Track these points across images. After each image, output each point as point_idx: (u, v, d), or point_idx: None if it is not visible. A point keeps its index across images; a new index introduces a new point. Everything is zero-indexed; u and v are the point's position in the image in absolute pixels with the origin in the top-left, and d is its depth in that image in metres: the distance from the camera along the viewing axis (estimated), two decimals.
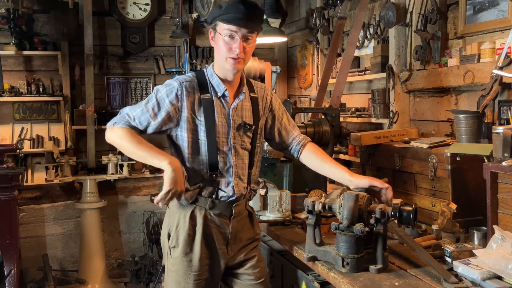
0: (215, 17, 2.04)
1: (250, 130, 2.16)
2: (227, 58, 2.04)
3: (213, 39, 2.10)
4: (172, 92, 2.04)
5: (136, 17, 4.90)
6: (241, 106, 2.15)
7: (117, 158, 4.65)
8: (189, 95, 2.06)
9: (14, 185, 3.82)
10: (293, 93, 5.25)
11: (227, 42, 2.02)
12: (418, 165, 2.58)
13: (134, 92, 5.04)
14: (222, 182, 2.11)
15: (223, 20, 2.01)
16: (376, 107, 3.48)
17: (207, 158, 2.08)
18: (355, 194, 1.94)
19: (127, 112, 2.08)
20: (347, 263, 1.90)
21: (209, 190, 2.09)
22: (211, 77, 2.12)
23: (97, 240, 4.61)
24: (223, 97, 2.11)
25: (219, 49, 2.06)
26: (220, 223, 2.12)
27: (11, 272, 3.72)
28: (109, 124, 2.08)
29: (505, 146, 1.94)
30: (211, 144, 2.07)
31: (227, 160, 2.11)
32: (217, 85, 2.11)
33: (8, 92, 4.46)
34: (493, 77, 2.44)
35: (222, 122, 2.10)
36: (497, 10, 2.62)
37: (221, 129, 2.09)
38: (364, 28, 3.78)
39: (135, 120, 2.05)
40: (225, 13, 2.00)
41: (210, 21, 2.07)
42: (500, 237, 1.76)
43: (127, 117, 2.06)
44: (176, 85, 2.05)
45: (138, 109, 2.06)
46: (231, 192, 2.11)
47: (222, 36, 2.02)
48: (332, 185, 3.74)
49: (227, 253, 2.14)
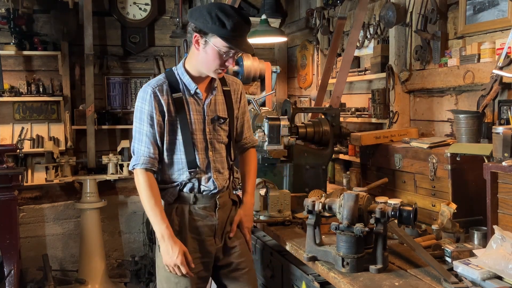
0: (215, 33, 1.99)
1: (225, 123, 2.22)
2: (216, 70, 2.08)
3: (200, 45, 2.05)
4: (151, 102, 2.08)
5: (136, 17, 4.91)
6: (215, 101, 2.20)
7: (117, 158, 4.65)
8: (163, 97, 2.09)
9: (14, 185, 3.82)
10: (293, 93, 5.25)
11: (221, 56, 2.03)
12: (418, 165, 2.58)
13: (134, 92, 5.04)
14: (202, 178, 2.15)
15: (226, 39, 1.98)
16: (376, 107, 3.48)
17: (185, 156, 2.12)
18: (355, 194, 1.94)
19: (138, 148, 2.12)
20: (347, 263, 1.90)
21: (189, 186, 2.15)
22: (182, 76, 2.15)
23: (97, 240, 4.61)
24: (195, 94, 2.15)
25: (208, 60, 2.06)
26: (206, 216, 2.16)
27: (11, 272, 3.72)
28: (131, 167, 2.15)
29: (505, 146, 1.94)
30: (188, 142, 2.12)
31: (205, 156, 2.16)
32: (188, 84, 2.14)
33: (8, 92, 4.46)
34: (493, 77, 2.44)
35: (197, 119, 2.15)
36: (497, 10, 2.62)
37: (197, 126, 2.14)
38: (364, 28, 3.78)
39: (149, 152, 2.10)
40: (230, 33, 1.97)
41: (205, 32, 2.01)
42: (500, 237, 1.76)
43: (141, 155, 2.10)
44: (150, 91, 2.09)
45: (143, 138, 2.11)
46: (212, 186, 2.16)
47: (217, 49, 2.02)
48: (332, 185, 3.75)
49: (215, 244, 2.19)
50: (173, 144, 2.13)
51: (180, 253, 2.04)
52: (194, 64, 2.13)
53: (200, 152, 2.15)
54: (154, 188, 2.09)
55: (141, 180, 2.09)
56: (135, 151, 2.13)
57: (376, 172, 2.96)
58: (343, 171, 3.87)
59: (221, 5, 2.02)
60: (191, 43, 2.09)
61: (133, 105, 5.04)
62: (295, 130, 2.92)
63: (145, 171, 2.09)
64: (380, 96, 3.44)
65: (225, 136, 2.23)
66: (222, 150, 2.22)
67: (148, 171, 2.10)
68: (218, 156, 2.20)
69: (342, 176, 3.78)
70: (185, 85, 2.14)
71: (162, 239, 2.05)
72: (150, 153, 2.10)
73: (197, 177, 2.15)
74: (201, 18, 1.99)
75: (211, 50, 2.03)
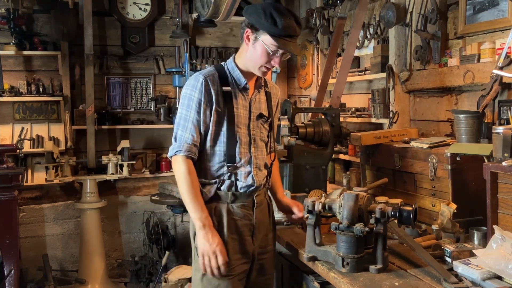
0: (266, 29, 2.00)
1: (267, 121, 2.23)
2: (261, 67, 2.08)
3: (249, 41, 2.07)
4: (202, 90, 2.06)
5: (136, 17, 4.90)
6: (259, 99, 2.22)
7: (117, 158, 4.64)
8: (213, 87, 2.08)
9: (14, 185, 3.82)
10: (293, 93, 5.25)
11: (268, 55, 2.05)
12: (418, 165, 2.58)
13: (134, 92, 5.04)
14: (242, 173, 2.12)
15: (275, 38, 1.99)
16: (376, 107, 3.48)
17: (227, 149, 2.10)
18: (355, 194, 1.94)
19: (181, 135, 2.07)
20: (347, 263, 1.90)
21: (227, 184, 2.11)
22: (232, 70, 2.15)
23: (97, 240, 4.61)
24: (243, 90, 2.16)
25: (256, 56, 2.07)
26: (244, 215, 2.13)
27: (11, 272, 3.72)
28: (171, 153, 2.08)
29: (505, 146, 1.94)
30: (231, 135, 2.10)
31: (247, 151, 2.14)
32: (238, 78, 2.14)
33: (8, 92, 4.46)
34: (493, 77, 2.44)
35: (243, 113, 2.14)
36: (497, 10, 2.62)
37: (242, 120, 2.13)
38: (364, 28, 3.78)
39: (193, 139, 2.06)
40: (280, 32, 1.98)
41: (256, 28, 2.03)
42: (500, 237, 1.76)
43: (184, 141, 2.06)
44: (201, 80, 2.07)
45: (188, 125, 2.06)
46: (251, 181, 2.13)
47: (267, 47, 2.03)
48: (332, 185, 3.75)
49: (253, 244, 2.16)
50: (217, 135, 2.10)
51: (220, 242, 2.00)
52: (243, 59, 2.13)
53: (243, 146, 2.12)
54: (194, 176, 2.05)
55: (183, 167, 2.03)
56: (178, 137, 2.08)
57: (376, 172, 2.96)
58: (343, 171, 3.87)
59: (276, 4, 2.04)
60: (242, 38, 2.10)
61: (133, 105, 5.04)
62: (295, 130, 2.92)
63: (186, 158, 2.04)
64: (380, 96, 3.44)
65: (266, 134, 2.24)
66: (263, 148, 2.22)
67: (189, 159, 2.05)
68: (260, 153, 2.19)
69: (342, 176, 3.78)
70: (235, 80, 2.14)
71: (203, 227, 2.00)
72: (194, 140, 2.06)
73: (235, 172, 2.12)
74: (255, 14, 2.01)
75: (260, 47, 2.04)
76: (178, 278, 3.81)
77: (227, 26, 5.24)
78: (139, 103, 5.08)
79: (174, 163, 2.08)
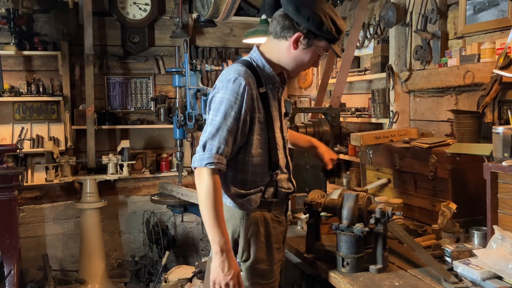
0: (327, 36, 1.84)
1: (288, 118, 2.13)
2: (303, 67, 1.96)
3: (299, 45, 1.86)
4: (244, 95, 1.81)
5: (136, 17, 4.90)
6: None
7: (117, 158, 4.65)
8: (254, 91, 1.85)
9: (14, 185, 3.82)
10: (293, 93, 5.25)
11: (316, 58, 1.92)
12: (418, 165, 2.58)
13: (134, 92, 5.04)
14: (282, 179, 1.98)
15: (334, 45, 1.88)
16: (376, 107, 3.48)
17: (270, 157, 1.93)
18: (355, 194, 1.94)
19: (212, 144, 1.80)
20: (347, 263, 1.90)
21: (270, 191, 1.95)
22: (263, 68, 1.92)
23: (97, 240, 4.61)
24: (274, 88, 1.97)
25: (304, 61, 1.90)
26: (280, 221, 2.00)
27: (11, 272, 3.72)
28: (199, 163, 1.79)
29: (505, 146, 1.93)
30: (273, 141, 1.93)
31: (283, 155, 2.00)
32: (272, 77, 1.93)
33: (8, 92, 4.46)
34: (493, 77, 2.44)
35: (276, 115, 1.96)
36: (497, 10, 2.62)
37: (276, 123, 1.95)
38: (364, 28, 3.78)
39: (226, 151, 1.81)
40: (337, 38, 1.86)
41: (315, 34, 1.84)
42: (500, 237, 1.76)
43: (215, 152, 1.79)
44: (244, 84, 1.81)
45: (222, 135, 1.80)
46: (292, 187, 2.03)
47: (319, 52, 1.89)
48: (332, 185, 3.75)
49: (283, 251, 2.06)
50: (258, 142, 1.89)
51: (236, 273, 1.78)
52: (278, 58, 1.92)
53: (280, 151, 1.96)
54: (220, 194, 1.80)
55: (210, 182, 1.76)
56: (208, 147, 1.79)
57: (376, 172, 2.96)
58: (343, 171, 3.87)
59: (330, 6, 1.88)
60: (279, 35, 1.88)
61: (133, 105, 5.04)
62: (295, 130, 2.92)
63: (214, 173, 1.78)
64: (380, 96, 3.45)
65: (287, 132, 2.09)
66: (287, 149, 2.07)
67: (216, 174, 1.79)
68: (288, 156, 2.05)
69: (342, 176, 3.78)
70: (266, 78, 1.92)
71: (221, 253, 1.75)
72: (227, 152, 1.81)
73: (276, 179, 1.95)
74: (315, 19, 1.80)
75: (313, 53, 1.88)
76: (178, 278, 3.81)
77: (227, 26, 5.24)
78: (139, 103, 5.08)
79: (200, 175, 1.80)
